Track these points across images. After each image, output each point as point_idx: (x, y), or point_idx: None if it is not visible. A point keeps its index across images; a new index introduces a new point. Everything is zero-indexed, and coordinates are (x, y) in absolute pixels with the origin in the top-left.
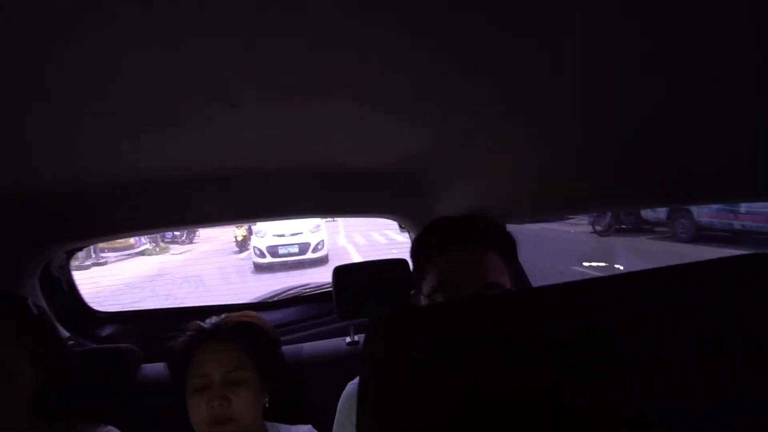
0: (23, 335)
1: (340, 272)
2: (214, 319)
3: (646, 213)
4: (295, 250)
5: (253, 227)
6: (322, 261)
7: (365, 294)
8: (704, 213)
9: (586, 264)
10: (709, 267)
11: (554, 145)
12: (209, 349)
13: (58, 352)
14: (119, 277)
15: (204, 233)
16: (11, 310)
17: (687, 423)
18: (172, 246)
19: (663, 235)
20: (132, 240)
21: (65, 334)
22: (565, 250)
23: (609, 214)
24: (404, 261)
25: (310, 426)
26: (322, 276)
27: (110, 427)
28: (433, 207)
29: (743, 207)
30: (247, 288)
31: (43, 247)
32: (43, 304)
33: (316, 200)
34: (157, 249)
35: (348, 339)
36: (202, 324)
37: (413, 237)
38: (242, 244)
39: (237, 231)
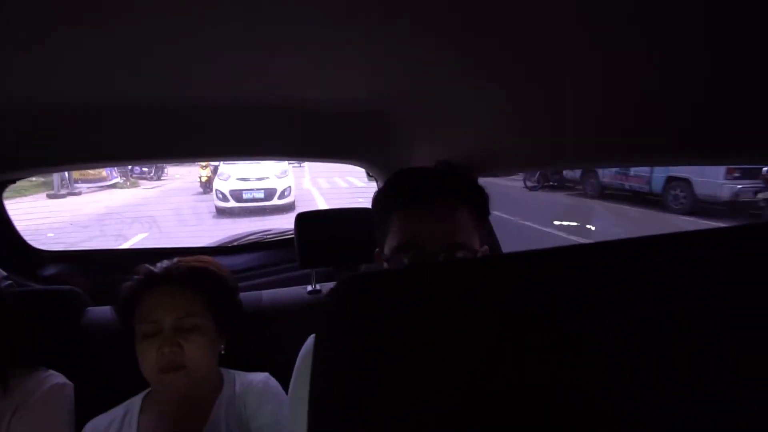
0: None
1: (304, 219)
2: (165, 263)
3: (567, 172)
4: (261, 195)
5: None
6: (289, 208)
7: (328, 242)
8: (607, 174)
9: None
10: (707, 236)
11: (531, 97)
12: (160, 294)
13: None
14: (100, 205)
15: (174, 171)
16: None
17: (676, 412)
18: (141, 181)
19: (578, 192)
20: (104, 173)
21: (2, 273)
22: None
23: (538, 172)
24: (369, 210)
25: (267, 374)
26: (288, 224)
27: (53, 372)
28: (403, 155)
29: (632, 170)
30: (203, 232)
31: None
32: None
33: (281, 141)
34: (128, 183)
35: (309, 288)
36: (152, 268)
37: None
38: (206, 185)
39: (201, 171)
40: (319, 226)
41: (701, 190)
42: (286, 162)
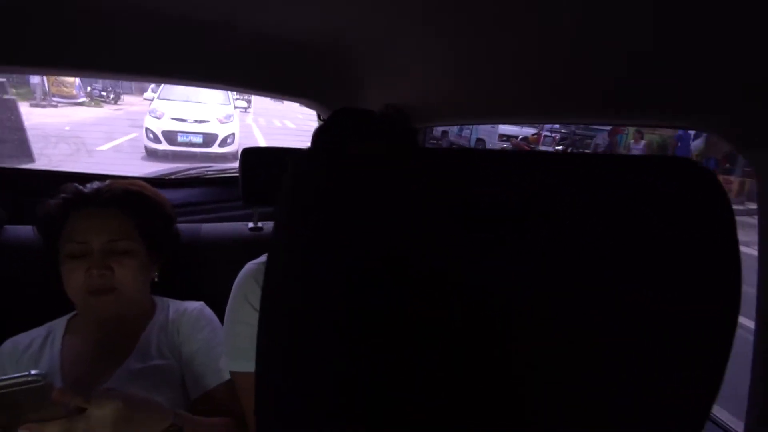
0: None
1: (249, 154)
2: (96, 185)
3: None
4: (199, 140)
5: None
6: (230, 158)
7: (274, 181)
8: (453, 134)
9: None
10: (632, 162)
11: (473, 49)
12: (89, 214)
13: None
14: (73, 119)
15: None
16: None
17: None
18: (103, 104)
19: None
20: (74, 91)
21: None
22: None
23: None
24: None
25: (202, 303)
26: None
27: None
28: (352, 97)
29: (465, 131)
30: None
31: None
32: None
33: (229, 66)
34: (92, 103)
35: (251, 225)
36: (81, 188)
37: None
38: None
39: None
40: (265, 163)
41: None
42: (233, 106)
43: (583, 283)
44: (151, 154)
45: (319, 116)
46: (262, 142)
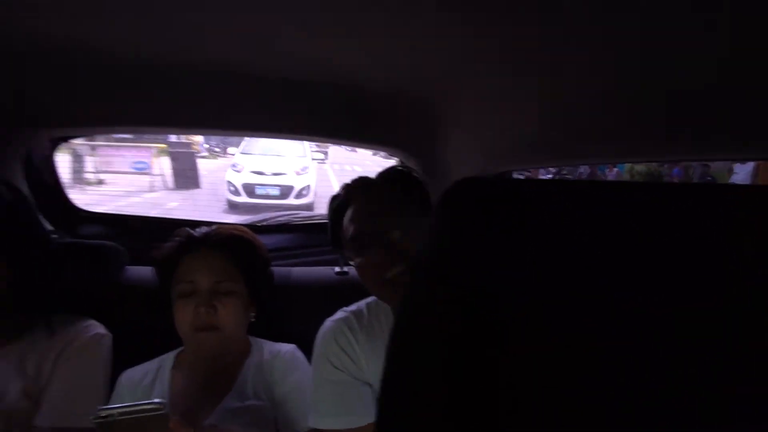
0: None
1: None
2: (205, 229)
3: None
4: (275, 192)
5: (232, 158)
6: (307, 209)
7: None
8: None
9: None
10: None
11: (565, 92)
12: (199, 256)
13: (32, 241)
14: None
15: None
16: None
17: None
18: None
19: None
20: (199, 147)
21: (48, 227)
22: None
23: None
24: None
25: (294, 346)
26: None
27: (93, 321)
28: (438, 144)
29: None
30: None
31: (24, 130)
32: (27, 192)
33: (315, 118)
34: (210, 155)
35: (337, 269)
36: (192, 231)
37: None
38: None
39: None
40: None
41: None
42: (309, 158)
43: None
44: (232, 207)
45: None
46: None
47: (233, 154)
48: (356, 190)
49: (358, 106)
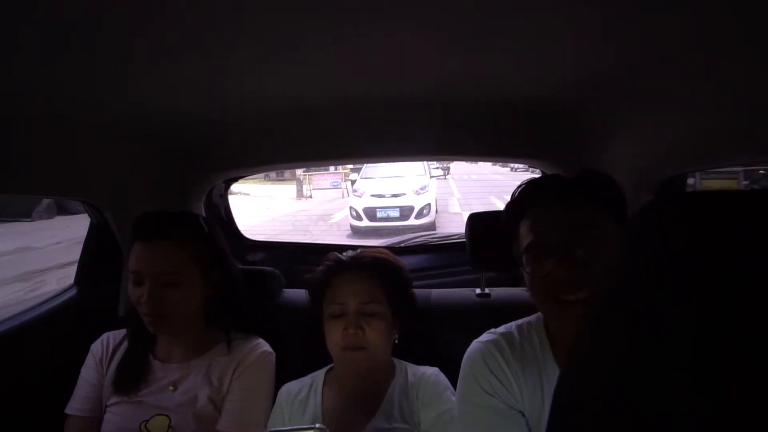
0: (195, 248)
1: (476, 219)
2: (351, 253)
3: None
4: (396, 214)
5: (354, 184)
6: (428, 228)
7: (503, 245)
8: None
9: None
10: None
11: (733, 91)
12: (347, 278)
13: (224, 267)
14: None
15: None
16: (186, 226)
17: None
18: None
19: None
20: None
21: None
22: None
23: None
24: None
25: (437, 369)
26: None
27: (261, 340)
28: (592, 154)
29: None
30: None
31: (206, 174)
32: None
33: (449, 138)
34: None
35: (478, 291)
36: (340, 255)
37: None
38: None
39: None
40: (492, 228)
41: None
42: (428, 176)
43: None
44: (355, 231)
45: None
46: (457, 205)
47: (354, 180)
48: (539, 193)
49: (508, 121)
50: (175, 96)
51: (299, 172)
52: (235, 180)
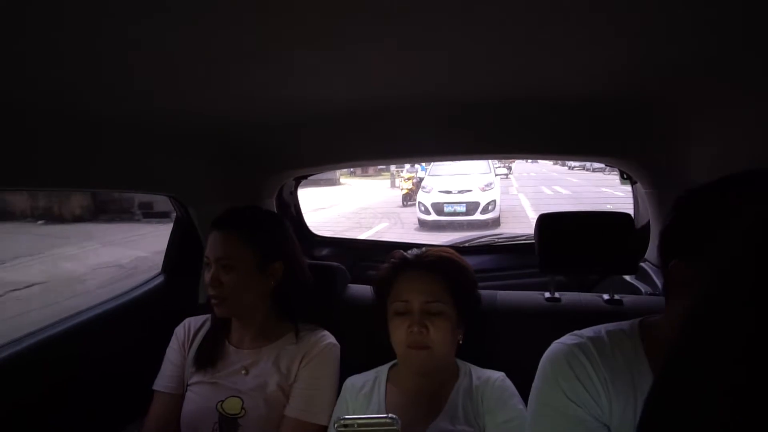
0: (255, 240)
1: (547, 220)
2: (416, 251)
3: None
4: (462, 209)
5: (422, 181)
6: (493, 223)
7: (574, 247)
8: None
9: None
10: None
11: None
12: (411, 276)
13: (289, 259)
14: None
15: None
16: (252, 220)
17: None
18: None
19: None
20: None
21: None
22: None
23: None
24: (628, 215)
25: (503, 373)
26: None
27: (326, 332)
28: (678, 152)
29: None
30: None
31: (277, 172)
32: None
33: (520, 137)
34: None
35: (547, 294)
36: (405, 253)
37: (645, 188)
38: (408, 198)
39: (403, 184)
40: (563, 229)
41: None
42: (493, 174)
43: None
44: (423, 225)
45: (622, 174)
46: (523, 199)
47: (422, 178)
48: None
49: (585, 118)
50: (248, 100)
51: (393, 167)
52: (305, 178)
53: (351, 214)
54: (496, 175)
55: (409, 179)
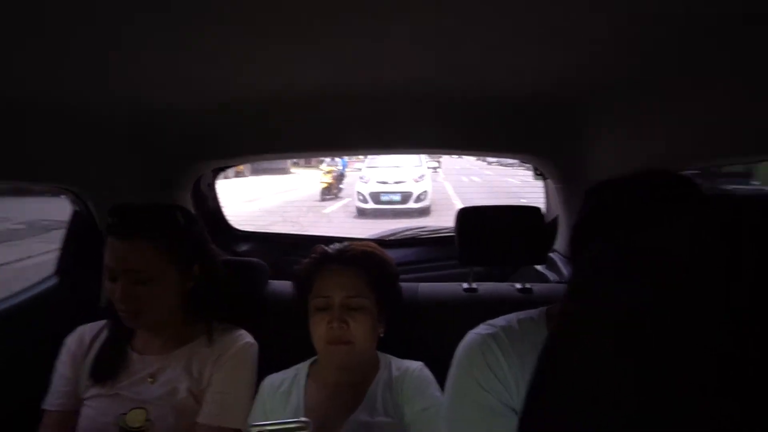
0: (170, 243)
1: (465, 214)
2: (338, 245)
3: None
4: (397, 198)
5: (360, 173)
6: (424, 212)
7: (491, 240)
8: None
9: None
10: None
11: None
12: (332, 271)
13: (204, 259)
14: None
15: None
16: (161, 220)
17: None
18: None
19: None
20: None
21: None
22: None
23: None
24: (537, 209)
25: (422, 363)
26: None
27: (243, 331)
28: (583, 149)
29: None
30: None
31: (193, 163)
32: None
33: (444, 132)
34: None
35: (465, 285)
36: (326, 248)
37: (555, 184)
38: (327, 191)
39: (323, 177)
40: (481, 223)
41: None
42: (425, 167)
43: None
44: (361, 213)
45: (536, 170)
46: (451, 191)
47: (360, 169)
48: None
49: (501, 116)
50: (158, 85)
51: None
52: (223, 170)
53: (276, 208)
54: (428, 168)
55: (329, 172)
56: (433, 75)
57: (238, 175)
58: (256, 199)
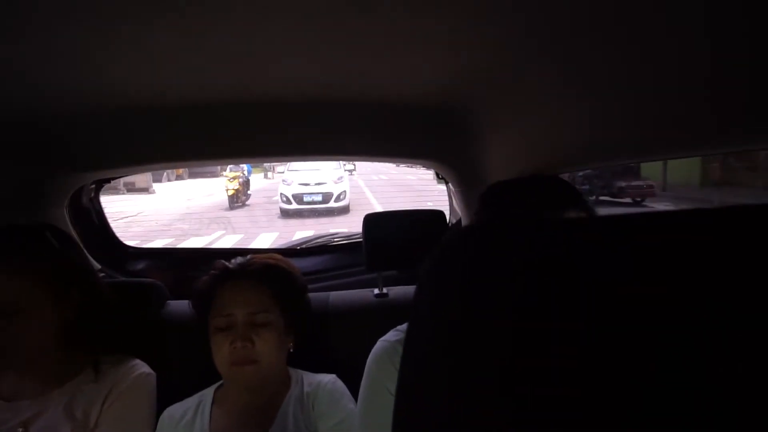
0: (38, 269)
1: (371, 220)
2: (239, 260)
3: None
4: (319, 198)
5: (283, 176)
6: (343, 211)
7: (397, 245)
8: None
9: None
10: None
11: (615, 91)
12: (234, 288)
13: (84, 284)
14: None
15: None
16: (25, 244)
17: None
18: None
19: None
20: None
21: (96, 266)
22: None
23: None
24: (441, 213)
25: (334, 375)
26: (344, 224)
27: (139, 361)
28: (478, 154)
29: None
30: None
31: (69, 175)
32: (74, 235)
33: (341, 140)
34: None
35: (376, 291)
36: (227, 263)
37: (455, 188)
38: (235, 199)
39: (228, 184)
40: (387, 228)
41: None
42: (344, 169)
43: None
44: (284, 213)
45: (437, 175)
46: (367, 191)
47: (282, 172)
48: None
49: (400, 123)
50: (16, 83)
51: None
52: (107, 182)
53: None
54: (345, 170)
55: (234, 179)
56: (331, 81)
57: (178, 178)
58: (192, 198)
